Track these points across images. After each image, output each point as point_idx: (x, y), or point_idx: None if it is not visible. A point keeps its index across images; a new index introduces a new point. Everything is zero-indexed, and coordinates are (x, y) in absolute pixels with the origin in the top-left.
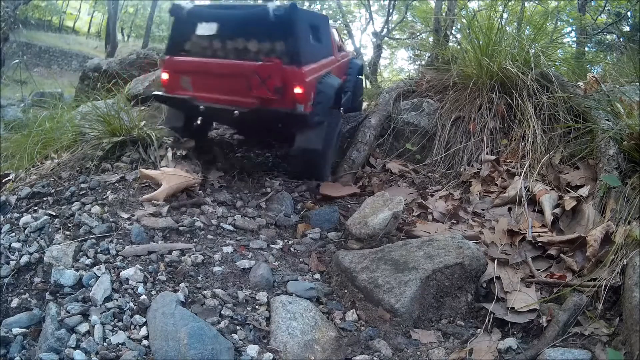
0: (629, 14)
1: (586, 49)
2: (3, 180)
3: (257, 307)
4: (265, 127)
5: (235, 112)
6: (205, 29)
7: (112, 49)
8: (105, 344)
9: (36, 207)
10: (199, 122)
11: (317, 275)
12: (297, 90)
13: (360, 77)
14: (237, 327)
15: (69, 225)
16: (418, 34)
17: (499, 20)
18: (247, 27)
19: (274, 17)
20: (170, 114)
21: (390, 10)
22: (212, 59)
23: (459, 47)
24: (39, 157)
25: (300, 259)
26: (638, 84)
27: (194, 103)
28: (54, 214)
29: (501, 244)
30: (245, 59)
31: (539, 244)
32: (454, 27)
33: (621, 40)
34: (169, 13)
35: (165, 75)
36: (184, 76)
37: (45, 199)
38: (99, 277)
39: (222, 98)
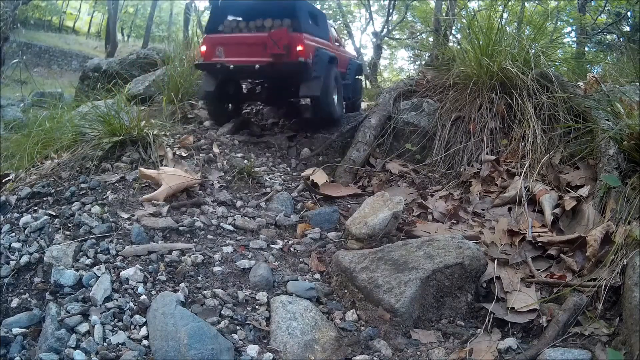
0: (629, 14)
1: (586, 49)
2: (3, 180)
3: (257, 307)
4: (278, 78)
5: (256, 66)
6: (234, 13)
7: (112, 49)
8: (105, 344)
9: (36, 207)
10: (229, 89)
11: (317, 275)
12: (299, 48)
13: (358, 77)
14: (237, 327)
15: (69, 225)
16: (418, 34)
17: (499, 20)
18: (263, 9)
19: (282, 0)
20: (205, 80)
21: (390, 10)
22: (239, 34)
23: (459, 47)
24: (39, 157)
25: (300, 259)
26: (638, 84)
27: (226, 65)
28: (54, 214)
29: (501, 244)
30: (262, 32)
31: (539, 244)
32: (454, 27)
33: (621, 40)
34: (208, 2)
35: (204, 48)
36: (219, 47)
37: (45, 199)
38: (99, 277)
39: (246, 59)
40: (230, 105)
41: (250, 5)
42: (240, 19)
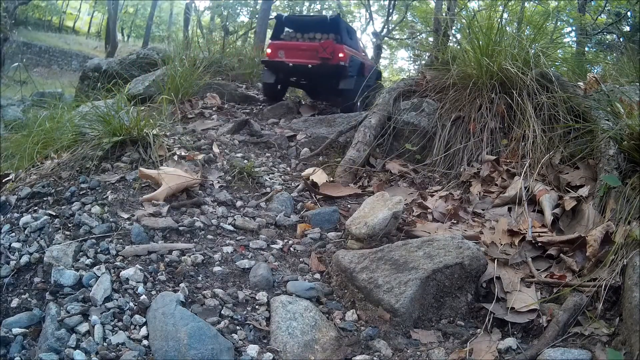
0: (629, 14)
1: (586, 49)
2: (3, 180)
3: (257, 307)
4: (324, 75)
5: (309, 65)
6: (293, 26)
7: (112, 49)
8: (105, 344)
9: (36, 207)
10: (283, 80)
11: (317, 275)
12: (341, 54)
13: (378, 81)
14: (237, 327)
15: (69, 225)
16: (418, 34)
17: (499, 20)
18: (315, 25)
19: (329, 19)
20: (266, 74)
21: (390, 10)
22: (296, 42)
23: (459, 47)
24: (39, 157)
25: (300, 259)
26: (638, 84)
27: (286, 63)
28: (54, 214)
29: (501, 244)
30: (313, 42)
31: (539, 244)
32: (454, 27)
33: (621, 40)
34: (274, 18)
35: (269, 50)
36: (280, 50)
37: (45, 199)
38: (99, 277)
39: (302, 60)
40: (280, 89)
41: (305, 21)
42: (298, 28)
